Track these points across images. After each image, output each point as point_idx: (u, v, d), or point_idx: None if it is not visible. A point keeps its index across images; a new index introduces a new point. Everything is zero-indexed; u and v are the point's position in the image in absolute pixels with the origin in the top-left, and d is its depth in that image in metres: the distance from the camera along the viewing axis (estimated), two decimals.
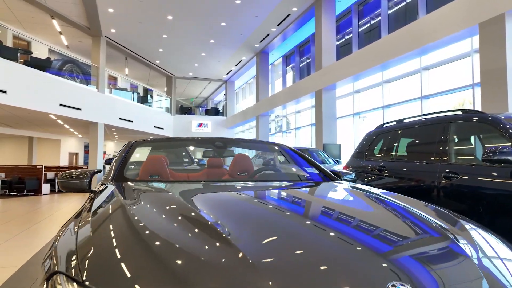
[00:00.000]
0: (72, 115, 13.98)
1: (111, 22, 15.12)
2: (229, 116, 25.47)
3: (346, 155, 12.95)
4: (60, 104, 13.26)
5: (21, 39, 15.81)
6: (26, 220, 7.50)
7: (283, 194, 1.96)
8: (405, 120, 4.97)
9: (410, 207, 1.65)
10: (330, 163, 9.19)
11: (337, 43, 14.63)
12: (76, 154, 25.75)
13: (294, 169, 2.91)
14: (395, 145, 4.87)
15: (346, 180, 2.70)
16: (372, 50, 10.58)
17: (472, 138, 4.20)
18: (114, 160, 2.53)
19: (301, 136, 18.31)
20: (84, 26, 15.29)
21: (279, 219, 1.39)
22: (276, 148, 3.22)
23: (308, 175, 2.67)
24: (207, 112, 26.87)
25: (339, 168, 8.08)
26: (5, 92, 10.87)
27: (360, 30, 13.80)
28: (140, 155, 3.31)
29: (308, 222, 1.38)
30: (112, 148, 29.91)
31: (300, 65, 18.96)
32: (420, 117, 4.71)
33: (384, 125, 5.34)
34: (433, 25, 8.37)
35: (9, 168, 15.51)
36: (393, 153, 4.85)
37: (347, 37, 14.68)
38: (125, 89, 20.98)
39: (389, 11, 12.14)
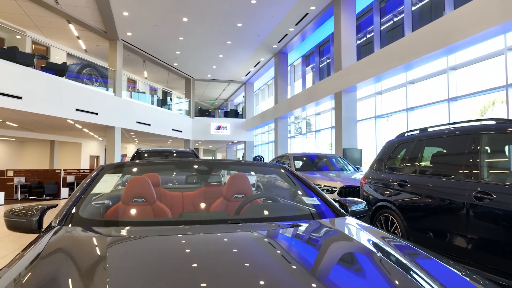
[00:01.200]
0: (88, 120, 14.00)
1: (127, 26, 15.06)
2: (248, 118, 25.15)
3: (368, 159, 12.37)
4: (76, 109, 13.27)
5: (40, 44, 15.98)
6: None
7: (250, 245, 1.50)
8: (429, 129, 4.45)
9: (414, 269, 1.25)
10: (349, 170, 8.66)
11: (358, 42, 14.01)
12: (97, 157, 26.07)
13: (291, 199, 2.52)
14: (418, 156, 4.37)
15: (354, 212, 2.27)
16: (395, 50, 9.98)
17: (507, 152, 3.64)
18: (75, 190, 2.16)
19: (321, 139, 17.74)
20: (101, 30, 15.29)
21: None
22: (276, 170, 2.83)
23: (304, 207, 2.26)
24: (227, 115, 26.64)
25: (359, 176, 7.54)
26: (20, 98, 10.90)
27: (382, 28, 13.14)
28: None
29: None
30: (132, 151, 30.18)
31: (320, 66, 18.39)
32: (446, 127, 4.20)
33: (406, 134, 4.85)
34: (462, 22, 7.73)
35: (31, 172, 15.69)
36: (416, 166, 4.35)
37: (368, 36, 14.03)
38: (143, 92, 20.99)
39: (413, 8, 11.46)
